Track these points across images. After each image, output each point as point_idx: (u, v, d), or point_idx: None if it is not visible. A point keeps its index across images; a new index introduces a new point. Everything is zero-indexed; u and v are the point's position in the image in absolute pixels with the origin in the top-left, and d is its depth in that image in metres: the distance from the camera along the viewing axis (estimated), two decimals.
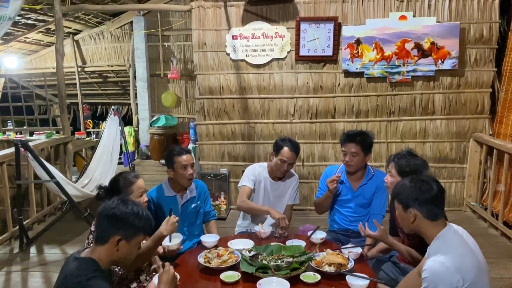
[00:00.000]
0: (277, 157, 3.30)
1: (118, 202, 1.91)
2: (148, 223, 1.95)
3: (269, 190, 3.45)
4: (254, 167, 3.51)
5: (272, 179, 3.45)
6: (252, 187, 3.41)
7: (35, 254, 4.33)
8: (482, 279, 1.93)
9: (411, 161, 2.64)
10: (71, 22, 7.59)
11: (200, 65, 5.37)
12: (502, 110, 4.98)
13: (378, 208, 3.23)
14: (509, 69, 4.89)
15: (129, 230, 1.88)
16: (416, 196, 2.03)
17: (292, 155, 3.28)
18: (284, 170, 3.35)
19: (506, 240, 4.39)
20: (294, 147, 3.29)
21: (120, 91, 9.20)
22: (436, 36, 4.91)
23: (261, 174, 3.46)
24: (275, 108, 5.36)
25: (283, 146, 3.27)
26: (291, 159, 3.29)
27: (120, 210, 1.88)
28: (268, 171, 3.47)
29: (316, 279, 2.28)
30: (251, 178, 3.43)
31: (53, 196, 5.40)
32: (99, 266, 1.84)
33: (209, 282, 2.35)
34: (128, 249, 1.90)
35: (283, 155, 3.27)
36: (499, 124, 5.03)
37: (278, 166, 3.33)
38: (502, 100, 4.99)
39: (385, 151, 5.27)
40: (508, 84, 4.87)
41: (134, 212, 1.90)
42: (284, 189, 3.48)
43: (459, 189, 5.34)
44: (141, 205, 2.00)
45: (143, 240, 2.01)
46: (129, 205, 1.91)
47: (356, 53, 5.06)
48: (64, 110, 5.51)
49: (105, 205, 1.92)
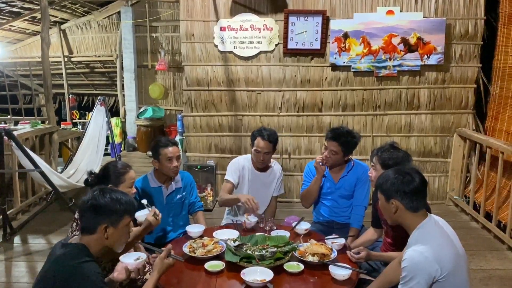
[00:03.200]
0: (253, 147, 3.35)
1: (96, 193, 1.95)
2: (130, 205, 2.00)
3: (254, 181, 3.47)
4: (238, 160, 3.52)
5: (256, 170, 3.47)
6: (234, 182, 3.43)
7: (19, 244, 4.30)
8: (460, 268, 1.98)
9: (394, 154, 2.67)
10: (58, 11, 7.49)
11: (188, 56, 5.35)
12: (497, 107, 5.03)
13: (360, 199, 3.27)
14: (502, 66, 4.96)
15: (113, 216, 1.92)
16: (398, 188, 2.06)
17: (266, 145, 3.29)
18: (261, 160, 3.37)
19: (486, 233, 4.48)
20: (268, 136, 3.29)
21: (107, 82, 9.11)
22: (423, 31, 4.96)
23: (245, 166, 3.48)
24: (262, 101, 5.37)
25: (257, 136, 3.31)
26: (265, 149, 3.30)
27: (100, 199, 1.92)
28: (252, 163, 3.49)
29: (299, 268, 2.31)
30: (234, 172, 3.44)
31: (37, 186, 5.36)
32: (90, 252, 1.88)
33: (194, 271, 2.37)
34: (118, 234, 1.95)
35: (257, 145, 3.31)
36: (494, 120, 5.10)
37: (255, 156, 3.37)
38: (496, 97, 5.06)
39: (371, 145, 5.32)
40: (502, 80, 4.94)
41: (113, 198, 1.94)
42: (268, 180, 3.51)
43: (443, 183, 5.43)
44: (119, 191, 2.05)
45: (130, 222, 2.04)
46: (107, 193, 1.95)
47: (343, 47, 5.08)
48: (50, 99, 5.45)
49: (84, 198, 1.95)
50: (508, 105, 4.80)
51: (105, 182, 2.59)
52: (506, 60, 4.85)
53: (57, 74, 8.44)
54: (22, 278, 3.59)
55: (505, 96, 4.87)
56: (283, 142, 5.40)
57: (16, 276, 3.63)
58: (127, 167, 2.72)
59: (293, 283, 2.25)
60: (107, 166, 2.70)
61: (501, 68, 4.96)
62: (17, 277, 3.61)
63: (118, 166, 2.70)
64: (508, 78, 4.79)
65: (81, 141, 5.40)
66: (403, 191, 2.05)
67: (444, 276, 1.90)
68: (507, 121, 4.81)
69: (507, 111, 4.81)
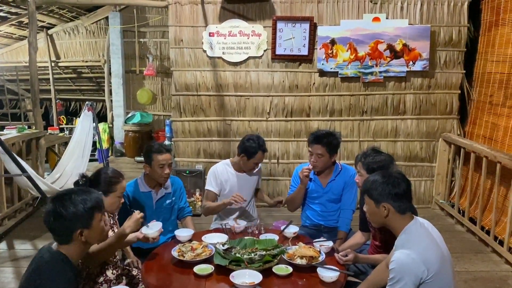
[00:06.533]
0: (251, 160, 3.32)
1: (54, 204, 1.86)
2: (93, 201, 1.92)
3: (238, 184, 3.46)
4: (216, 168, 3.48)
5: (239, 172, 3.47)
6: (216, 191, 3.44)
7: (5, 250, 4.26)
8: (446, 269, 2.02)
9: (377, 157, 2.71)
10: (45, 16, 7.43)
11: (177, 61, 5.37)
12: (476, 112, 5.15)
13: (348, 203, 3.31)
14: (481, 72, 5.07)
15: (83, 219, 1.87)
16: (389, 191, 2.09)
17: (264, 156, 3.38)
18: (256, 167, 3.45)
19: (471, 236, 4.56)
20: (263, 148, 3.33)
21: (94, 87, 9.06)
22: (408, 38, 5.05)
23: (224, 172, 3.46)
24: (251, 106, 5.40)
25: (257, 151, 3.28)
26: (262, 159, 3.40)
27: (62, 210, 1.84)
28: (233, 167, 3.48)
29: (288, 271, 2.33)
30: (213, 181, 3.44)
31: (24, 192, 5.30)
32: (69, 260, 1.86)
33: (183, 275, 2.38)
34: (94, 232, 1.93)
35: (258, 159, 3.33)
36: (472, 125, 5.20)
37: (251, 167, 3.40)
38: (475, 102, 5.16)
39: (358, 150, 5.38)
40: (481, 86, 5.05)
41: (75, 203, 1.86)
42: (251, 179, 3.53)
43: (428, 187, 5.51)
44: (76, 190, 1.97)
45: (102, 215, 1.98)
46: (65, 200, 1.87)
47: (331, 53, 5.15)
48: (37, 104, 5.41)
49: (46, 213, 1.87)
50: (486, 110, 4.91)
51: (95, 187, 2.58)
52: (485, 66, 4.98)
53: (43, 79, 8.36)
54: (9, 284, 3.56)
55: (483, 101, 4.98)
56: (271, 147, 5.44)
57: (3, 282, 3.59)
58: (119, 176, 2.67)
59: (282, 285, 2.27)
60: (99, 173, 2.65)
61: (481, 74, 5.08)
62: (4, 283, 3.57)
63: (110, 174, 2.65)
64: (487, 84, 4.91)
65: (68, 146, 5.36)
66: (394, 193, 2.09)
67: (430, 277, 1.94)
68: (484, 126, 4.92)
69: (484, 116, 4.92)
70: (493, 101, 4.75)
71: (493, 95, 4.75)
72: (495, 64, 4.75)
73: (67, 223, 1.85)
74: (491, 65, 4.83)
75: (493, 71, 4.79)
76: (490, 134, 4.78)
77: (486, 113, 4.90)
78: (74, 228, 1.86)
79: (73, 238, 1.86)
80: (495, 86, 4.73)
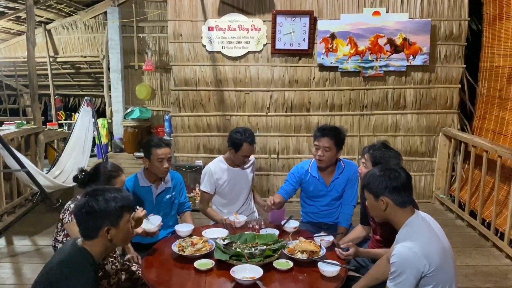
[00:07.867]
0: (238, 153, 3.28)
1: (88, 198, 1.88)
2: (126, 200, 1.95)
3: (233, 180, 3.45)
4: (209, 168, 3.44)
5: (233, 167, 3.45)
6: (211, 191, 3.43)
7: (4, 245, 4.25)
8: (447, 262, 2.01)
9: (386, 153, 2.70)
10: (43, 11, 7.41)
11: (176, 56, 5.34)
12: (485, 106, 5.12)
13: (349, 199, 3.30)
14: (488, 67, 5.04)
15: (112, 216, 1.88)
16: (387, 184, 2.09)
17: (253, 148, 3.31)
18: (247, 161, 3.44)
19: (471, 230, 4.56)
20: (251, 140, 3.27)
21: (93, 82, 9.05)
22: (408, 32, 5.02)
23: (218, 170, 3.43)
24: (250, 101, 5.38)
25: (242, 143, 3.23)
26: (252, 152, 3.34)
27: (94, 204, 1.85)
28: (226, 162, 3.45)
29: (288, 266, 2.32)
30: (207, 181, 3.42)
31: (23, 188, 5.28)
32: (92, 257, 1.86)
33: (183, 270, 2.37)
34: (121, 232, 1.92)
35: (245, 151, 3.27)
36: (482, 120, 5.18)
37: (241, 160, 3.37)
38: (484, 97, 5.14)
39: (358, 144, 5.37)
40: (489, 81, 5.02)
41: (107, 199, 1.88)
42: (244, 172, 3.50)
43: (428, 181, 5.50)
44: (112, 188, 1.99)
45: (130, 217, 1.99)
46: (99, 195, 1.88)
47: (331, 48, 5.12)
48: (36, 100, 5.39)
49: (77, 205, 1.89)
50: (495, 105, 4.89)
51: (94, 182, 2.57)
52: (492, 61, 4.95)
53: (42, 74, 8.33)
54: (8, 280, 3.55)
55: (492, 96, 4.96)
56: (271, 142, 5.43)
57: (2, 278, 3.58)
58: (119, 170, 2.68)
59: (283, 280, 2.26)
60: (98, 167, 2.66)
61: (488, 68, 5.04)
62: (3, 279, 3.56)
63: (110, 168, 2.65)
64: (495, 78, 4.88)
65: (67, 142, 5.35)
66: (392, 187, 2.08)
67: (432, 271, 1.93)
68: (494, 120, 4.90)
69: (494, 111, 4.90)
70: (502, 96, 4.72)
71: (502, 89, 4.72)
72: (503, 58, 4.70)
73: (96, 218, 1.85)
74: (498, 59, 4.79)
75: (501, 65, 4.75)
76: (499, 129, 4.75)
77: (496, 107, 4.86)
78: (102, 224, 1.86)
79: (99, 234, 1.86)
80: (503, 81, 4.69)
